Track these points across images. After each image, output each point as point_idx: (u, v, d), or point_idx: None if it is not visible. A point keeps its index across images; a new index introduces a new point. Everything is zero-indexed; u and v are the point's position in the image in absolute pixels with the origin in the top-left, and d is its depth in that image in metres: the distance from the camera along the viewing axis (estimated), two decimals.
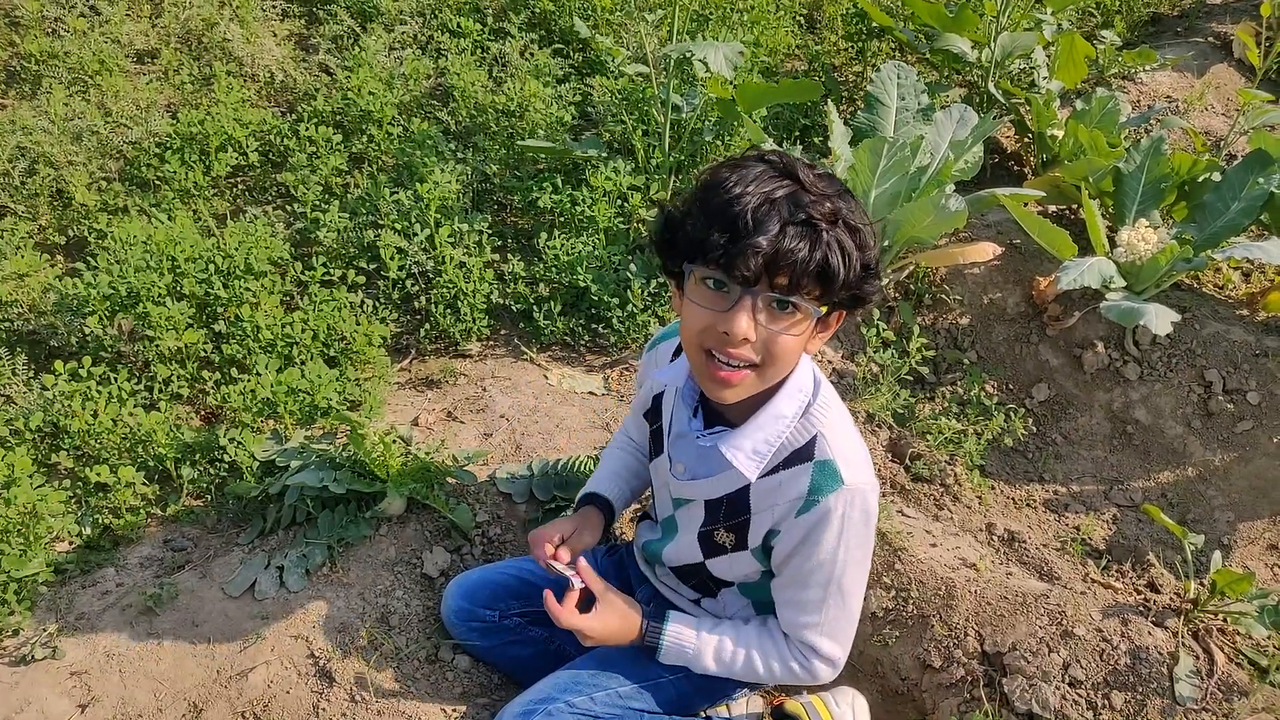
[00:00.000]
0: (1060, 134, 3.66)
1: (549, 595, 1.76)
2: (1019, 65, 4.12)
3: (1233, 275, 3.38)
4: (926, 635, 2.23)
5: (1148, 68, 4.42)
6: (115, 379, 2.47)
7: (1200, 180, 3.32)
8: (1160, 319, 2.79)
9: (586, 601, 1.80)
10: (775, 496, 1.64)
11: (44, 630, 2.02)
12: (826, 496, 1.59)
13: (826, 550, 1.63)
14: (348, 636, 2.06)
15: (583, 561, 1.80)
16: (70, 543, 2.26)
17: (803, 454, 1.62)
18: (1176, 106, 4.30)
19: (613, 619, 1.79)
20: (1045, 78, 3.91)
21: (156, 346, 2.58)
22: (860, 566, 1.68)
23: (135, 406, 2.43)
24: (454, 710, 2.01)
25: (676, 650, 1.81)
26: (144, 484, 2.32)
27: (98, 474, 2.23)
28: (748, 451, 1.62)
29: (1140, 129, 3.98)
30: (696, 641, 1.80)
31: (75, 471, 2.36)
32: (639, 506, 2.59)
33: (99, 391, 2.42)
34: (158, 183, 3.20)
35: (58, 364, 2.42)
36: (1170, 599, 2.33)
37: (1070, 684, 2.07)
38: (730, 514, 1.73)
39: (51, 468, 2.39)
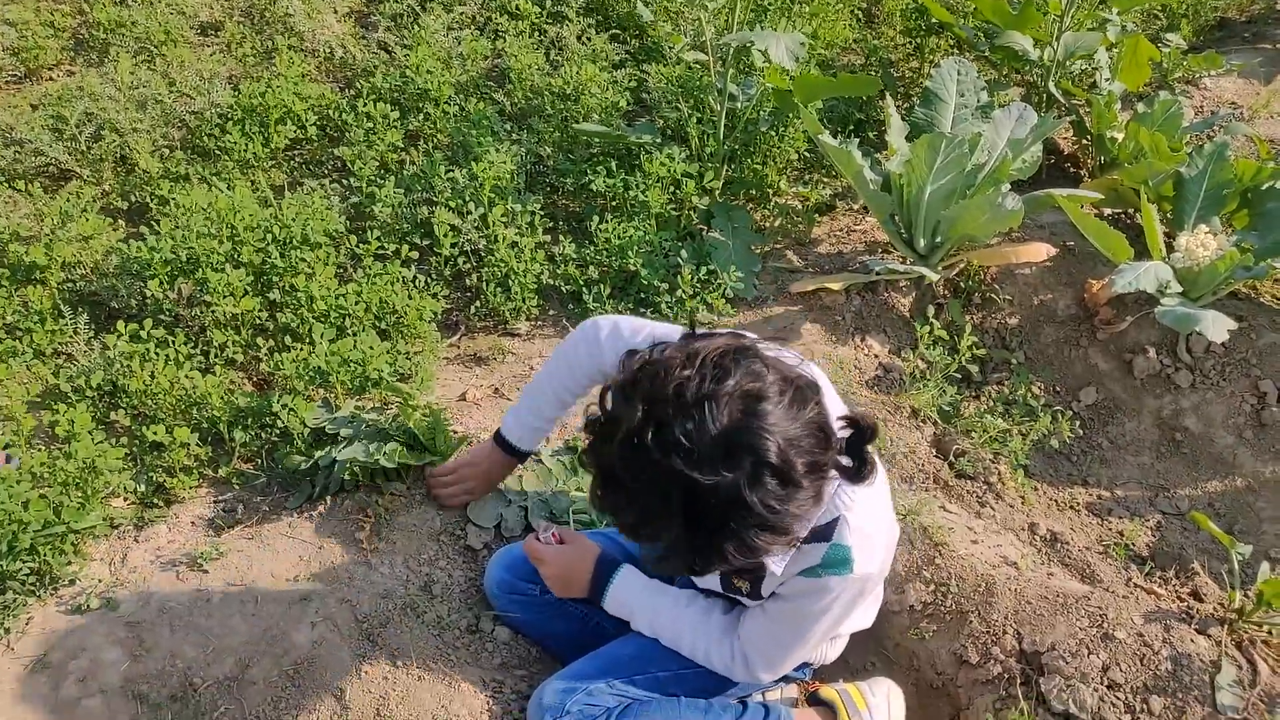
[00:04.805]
0: (1120, 136, 3.61)
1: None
2: (1080, 66, 4.06)
3: None
4: (964, 631, 2.23)
5: (1212, 73, 4.34)
6: (173, 342, 2.52)
7: (1264, 188, 3.26)
8: (1217, 326, 2.75)
9: None
10: (791, 566, 1.67)
11: (99, 581, 2.08)
12: (829, 577, 1.63)
13: (807, 612, 1.70)
14: (391, 603, 2.10)
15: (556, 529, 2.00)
16: (126, 499, 2.32)
17: (822, 533, 1.62)
18: (1241, 113, 4.22)
19: (567, 558, 1.94)
20: (1107, 79, 3.85)
21: (214, 312, 2.63)
22: (832, 627, 1.75)
23: (191, 369, 2.47)
24: (492, 680, 2.04)
25: (615, 606, 1.94)
26: (198, 445, 2.37)
27: (154, 433, 2.29)
28: None
29: (1203, 134, 3.91)
30: (634, 603, 1.92)
31: (132, 430, 2.41)
32: None
33: (157, 353, 2.47)
34: (218, 152, 3.25)
35: (119, 325, 2.47)
36: (1214, 608, 2.30)
37: (1109, 686, 2.06)
38: (750, 565, 1.75)
39: (109, 425, 2.45)
